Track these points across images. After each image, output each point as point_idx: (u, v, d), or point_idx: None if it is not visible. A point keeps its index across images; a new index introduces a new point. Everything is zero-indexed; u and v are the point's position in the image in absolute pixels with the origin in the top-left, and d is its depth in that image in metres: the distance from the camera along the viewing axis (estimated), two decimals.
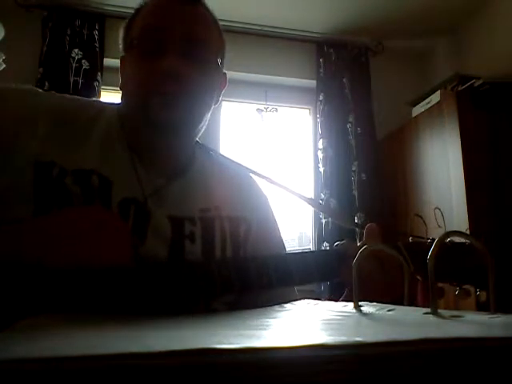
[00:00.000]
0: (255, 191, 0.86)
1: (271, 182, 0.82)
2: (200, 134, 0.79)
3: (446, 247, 0.59)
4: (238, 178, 0.85)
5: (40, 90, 0.76)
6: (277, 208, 0.90)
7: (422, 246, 0.62)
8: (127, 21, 0.77)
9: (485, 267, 0.39)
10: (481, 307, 1.68)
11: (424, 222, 0.71)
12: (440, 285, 0.44)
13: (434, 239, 0.61)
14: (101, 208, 0.66)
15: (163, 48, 0.69)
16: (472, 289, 0.57)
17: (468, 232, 1.76)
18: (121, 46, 0.78)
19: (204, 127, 0.78)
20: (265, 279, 0.60)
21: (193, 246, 0.72)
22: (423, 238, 0.64)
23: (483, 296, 0.52)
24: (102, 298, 0.54)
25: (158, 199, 0.71)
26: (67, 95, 0.78)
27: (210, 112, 0.77)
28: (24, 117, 0.67)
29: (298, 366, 0.23)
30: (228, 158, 0.86)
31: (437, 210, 0.78)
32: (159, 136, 0.73)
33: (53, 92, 0.78)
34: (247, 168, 0.85)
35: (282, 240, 0.87)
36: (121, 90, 0.77)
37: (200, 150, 0.82)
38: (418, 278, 0.59)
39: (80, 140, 0.69)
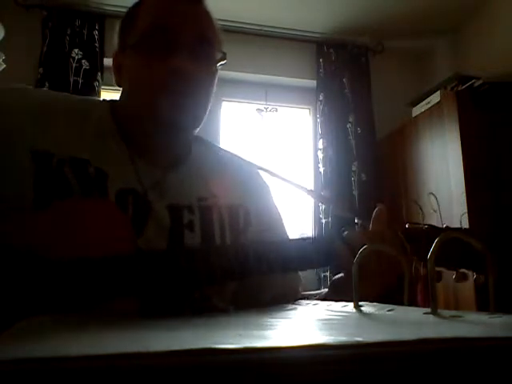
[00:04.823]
0: (255, 180, 0.86)
1: (271, 173, 0.83)
2: (198, 129, 0.79)
3: (441, 231, 0.61)
4: (237, 167, 0.85)
5: (27, 87, 0.76)
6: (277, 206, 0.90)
7: (418, 231, 0.63)
8: (125, 17, 0.76)
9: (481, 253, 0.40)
10: (479, 290, 1.73)
11: (421, 208, 0.72)
12: (438, 269, 0.44)
13: (430, 225, 0.62)
14: (101, 199, 0.66)
15: (174, 47, 0.69)
16: (470, 272, 0.58)
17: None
18: (116, 42, 0.77)
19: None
20: (265, 265, 0.60)
21: (192, 234, 0.72)
22: (419, 223, 0.65)
23: (481, 279, 0.53)
24: (101, 287, 0.54)
25: (157, 191, 0.71)
26: (53, 91, 0.78)
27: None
28: (13, 110, 0.67)
29: (298, 366, 0.23)
30: (227, 150, 0.86)
31: (431, 196, 0.80)
32: (161, 133, 0.73)
33: (40, 88, 0.78)
34: (246, 160, 0.85)
35: (284, 228, 0.87)
36: (119, 86, 0.77)
37: (197, 141, 0.83)
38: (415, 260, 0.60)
39: (73, 132, 0.69)
